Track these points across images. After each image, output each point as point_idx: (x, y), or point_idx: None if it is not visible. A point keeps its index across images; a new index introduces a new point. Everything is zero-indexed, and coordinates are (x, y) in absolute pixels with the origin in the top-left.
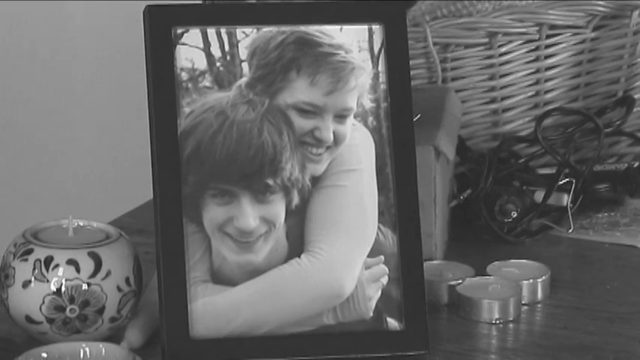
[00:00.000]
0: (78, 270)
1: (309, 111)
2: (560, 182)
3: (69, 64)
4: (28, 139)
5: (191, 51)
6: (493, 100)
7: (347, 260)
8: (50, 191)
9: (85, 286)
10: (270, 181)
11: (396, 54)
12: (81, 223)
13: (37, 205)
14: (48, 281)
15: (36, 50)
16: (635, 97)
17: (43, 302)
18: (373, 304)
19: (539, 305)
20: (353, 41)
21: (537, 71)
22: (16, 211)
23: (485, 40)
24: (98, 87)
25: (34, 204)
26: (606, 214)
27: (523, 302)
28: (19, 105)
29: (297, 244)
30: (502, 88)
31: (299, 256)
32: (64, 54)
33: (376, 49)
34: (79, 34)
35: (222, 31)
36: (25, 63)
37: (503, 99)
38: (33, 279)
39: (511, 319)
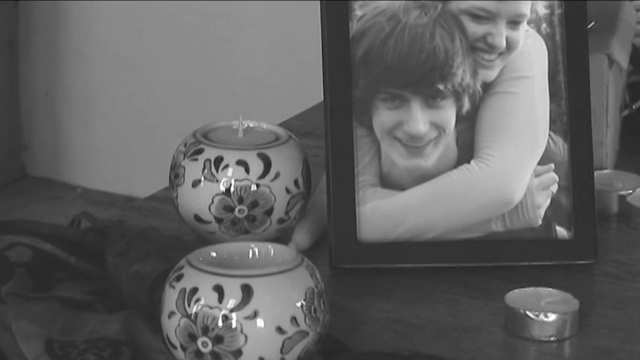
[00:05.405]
0: (247, 170)
1: (482, 16)
2: None
3: None
4: (200, 41)
5: None
6: None
7: (517, 167)
8: (221, 92)
9: (254, 187)
10: (441, 86)
11: None
12: (251, 124)
13: (207, 105)
14: (217, 181)
15: None
16: None
17: (212, 202)
18: (542, 212)
19: None
20: None
21: None
22: (187, 110)
23: None
24: None
25: (204, 104)
26: None
27: None
28: (191, 8)
29: (466, 150)
30: None
31: (468, 162)
32: None
33: None
34: None
35: None
36: None
37: None
38: (202, 179)
39: None
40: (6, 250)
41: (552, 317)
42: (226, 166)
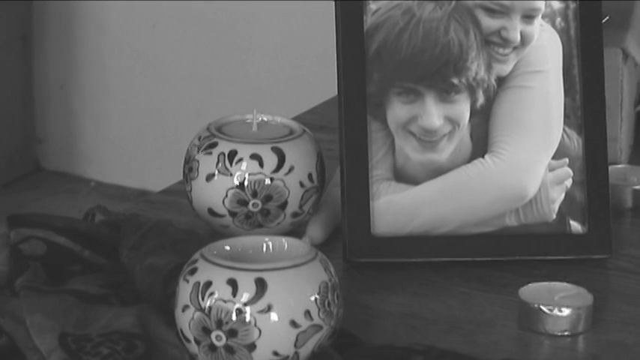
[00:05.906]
0: (261, 164)
1: (497, 10)
2: None
3: None
4: (214, 34)
5: None
6: None
7: (531, 162)
8: (235, 86)
9: (267, 181)
10: (455, 80)
11: None
12: (265, 118)
13: (221, 99)
14: (231, 175)
15: None
16: None
17: (226, 196)
18: (556, 206)
19: None
20: None
21: None
22: (201, 104)
23: None
24: None
25: (218, 98)
26: None
27: None
28: (205, 2)
29: (480, 144)
30: None
31: (483, 157)
32: None
33: None
34: None
35: None
36: None
37: None
38: (217, 172)
39: None
40: (20, 243)
41: (566, 312)
42: (240, 160)
